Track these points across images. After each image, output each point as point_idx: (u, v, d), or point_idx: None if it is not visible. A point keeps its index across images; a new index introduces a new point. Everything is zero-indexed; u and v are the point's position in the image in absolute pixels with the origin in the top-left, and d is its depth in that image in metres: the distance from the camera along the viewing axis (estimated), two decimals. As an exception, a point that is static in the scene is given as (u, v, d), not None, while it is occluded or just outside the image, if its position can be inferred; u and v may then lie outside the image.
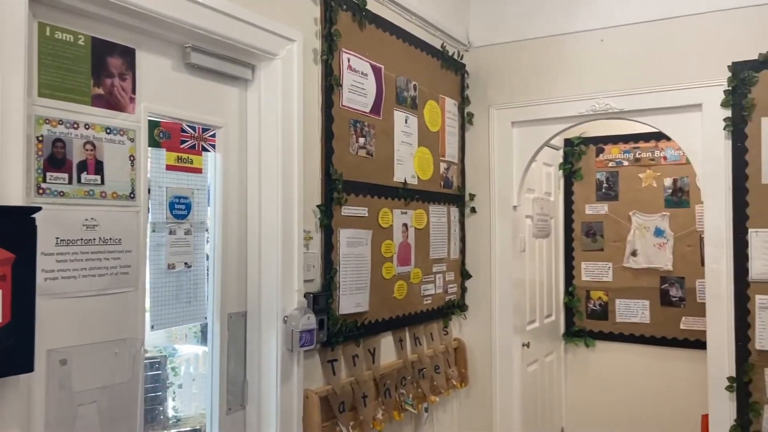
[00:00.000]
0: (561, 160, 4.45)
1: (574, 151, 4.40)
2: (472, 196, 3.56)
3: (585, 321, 4.37)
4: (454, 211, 3.46)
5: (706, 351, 2.98)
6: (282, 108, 2.31)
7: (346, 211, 2.61)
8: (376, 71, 2.80)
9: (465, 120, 3.57)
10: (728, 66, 2.89)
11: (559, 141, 4.38)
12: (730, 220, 2.89)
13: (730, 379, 2.87)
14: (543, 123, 3.41)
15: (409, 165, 3.06)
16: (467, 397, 3.52)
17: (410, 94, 3.07)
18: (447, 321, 3.37)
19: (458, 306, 3.46)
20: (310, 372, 2.42)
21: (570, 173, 4.42)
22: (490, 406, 3.47)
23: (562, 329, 4.43)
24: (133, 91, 1.90)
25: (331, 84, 2.53)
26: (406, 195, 3.01)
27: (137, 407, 1.89)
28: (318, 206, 2.47)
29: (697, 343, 3.91)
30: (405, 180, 3.01)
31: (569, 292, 4.40)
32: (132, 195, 1.88)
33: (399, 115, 2.98)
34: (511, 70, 3.47)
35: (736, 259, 2.87)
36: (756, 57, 2.83)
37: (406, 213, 3.02)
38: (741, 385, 2.84)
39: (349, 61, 2.62)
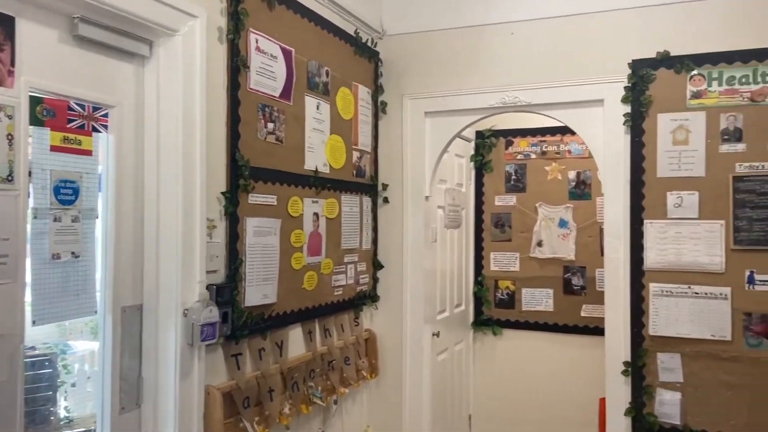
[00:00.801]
0: (472, 151, 4.51)
1: (484, 143, 4.47)
2: (384, 186, 3.53)
3: (493, 310, 4.47)
4: (367, 200, 3.42)
5: (604, 337, 3.10)
6: (183, 88, 2.18)
7: (254, 198, 2.51)
8: (287, 54, 2.70)
9: (378, 109, 3.53)
10: (628, 63, 3.01)
11: (470, 133, 4.44)
12: (627, 211, 3.01)
13: (625, 363, 3.00)
14: (455, 114, 3.42)
15: (320, 153, 2.98)
16: (377, 388, 3.50)
17: (322, 79, 2.99)
18: (358, 312, 3.33)
19: (370, 297, 3.44)
20: (212, 367, 2.31)
21: (481, 165, 4.49)
22: (400, 396, 3.47)
23: (471, 318, 4.51)
24: (12, 63, 1.72)
25: (237, 65, 2.41)
26: (317, 183, 2.93)
27: (16, 409, 1.73)
28: (223, 193, 2.36)
29: (596, 329, 4.07)
30: (316, 168, 2.94)
31: (478, 282, 4.49)
32: (10, 178, 1.70)
33: (310, 101, 2.89)
34: (424, 59, 3.46)
35: (632, 249, 2.99)
36: (654, 55, 2.96)
37: (317, 202, 2.95)
38: (635, 369, 2.98)
39: (257, 42, 2.51)
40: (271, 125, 2.60)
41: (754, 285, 2.79)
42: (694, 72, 2.89)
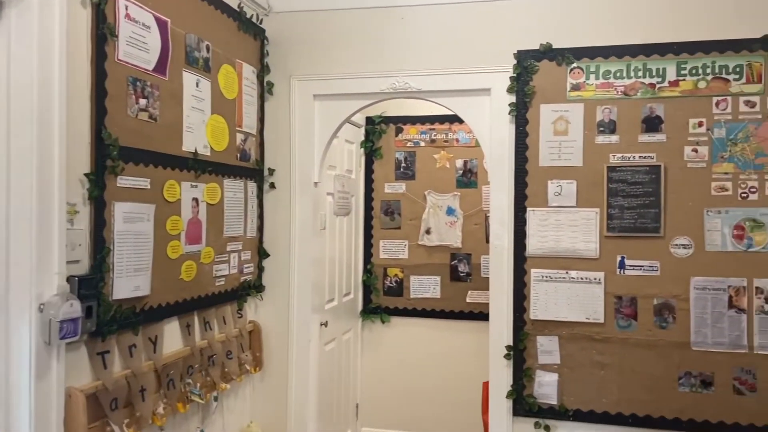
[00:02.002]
0: (363, 138, 4.45)
1: (375, 129, 4.44)
2: (271, 171, 3.39)
3: (382, 298, 4.46)
4: (252, 186, 3.27)
5: (488, 322, 3.17)
6: (38, 57, 1.93)
7: (123, 181, 2.29)
8: (162, 25, 2.49)
9: (265, 89, 3.38)
10: (514, 54, 3.06)
11: (360, 119, 4.38)
12: (512, 199, 3.08)
13: (507, 347, 3.08)
14: (345, 98, 3.34)
15: (200, 133, 2.80)
16: (262, 382, 3.37)
17: (202, 55, 2.79)
18: (242, 303, 3.18)
19: (254, 287, 3.29)
20: (74, 367, 2.09)
21: (371, 151, 4.45)
22: (285, 388, 3.36)
23: (360, 307, 4.47)
24: None
25: (103, 33, 2.18)
26: (196, 166, 2.75)
27: None
28: (86, 175, 2.13)
29: (480, 315, 4.18)
30: (196, 150, 2.75)
31: (368, 270, 4.46)
32: None
33: (189, 78, 2.70)
34: (313, 40, 3.34)
35: (516, 236, 3.07)
36: (537, 47, 3.03)
37: (196, 186, 2.76)
38: (517, 352, 3.06)
39: (127, 9, 2.28)
40: (143, 101, 2.39)
41: (625, 270, 2.95)
42: (574, 65, 2.99)
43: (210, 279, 2.89)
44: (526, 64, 3.04)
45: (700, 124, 2.86)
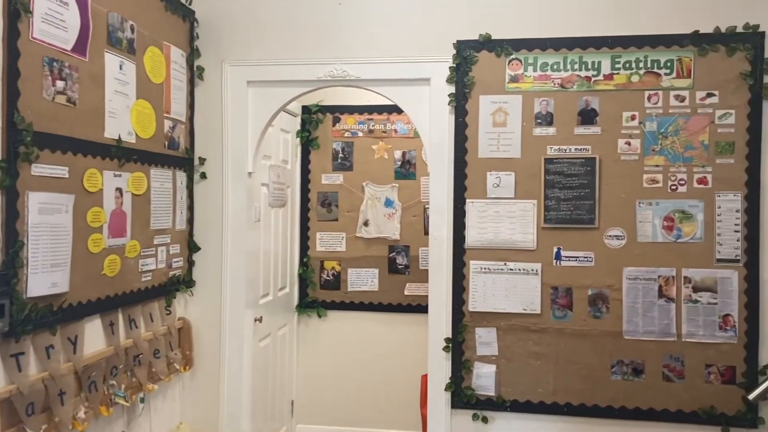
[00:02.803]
0: (299, 127, 4.34)
1: (311, 118, 4.33)
2: (202, 160, 3.24)
3: (318, 291, 4.37)
4: (181, 175, 3.11)
5: (427, 315, 3.14)
6: (-63, 29, 1.74)
7: (39, 170, 2.11)
8: (81, 1, 2.31)
9: (195, 74, 3.21)
10: (453, 44, 3.03)
11: (297, 107, 4.26)
12: (451, 191, 3.05)
13: (446, 340, 3.06)
14: (280, 85, 3.22)
15: (125, 119, 2.62)
16: (192, 381, 3.23)
17: (126, 35, 2.62)
18: (170, 299, 3.03)
19: (184, 282, 3.14)
20: (-18, 371, 1.91)
21: (307, 141, 4.35)
22: (217, 387, 3.23)
23: (296, 301, 4.37)
24: None
25: (16, 8, 2.00)
26: (120, 155, 2.58)
27: None
28: (-5, 162, 1.95)
29: (419, 307, 4.17)
30: (119, 137, 2.58)
31: (304, 263, 4.36)
32: None
33: (112, 59, 2.52)
34: (247, 23, 3.20)
35: (455, 227, 3.05)
36: (477, 37, 3.01)
37: (120, 176, 2.59)
38: (456, 345, 3.05)
39: (41, -17, 2.10)
40: (61, 83, 2.21)
41: (561, 261, 2.98)
42: (513, 56, 2.99)
43: (136, 274, 2.73)
44: (465, 54, 3.02)
45: (633, 118, 2.91)
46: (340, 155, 4.34)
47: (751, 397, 2.75)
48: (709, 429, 2.86)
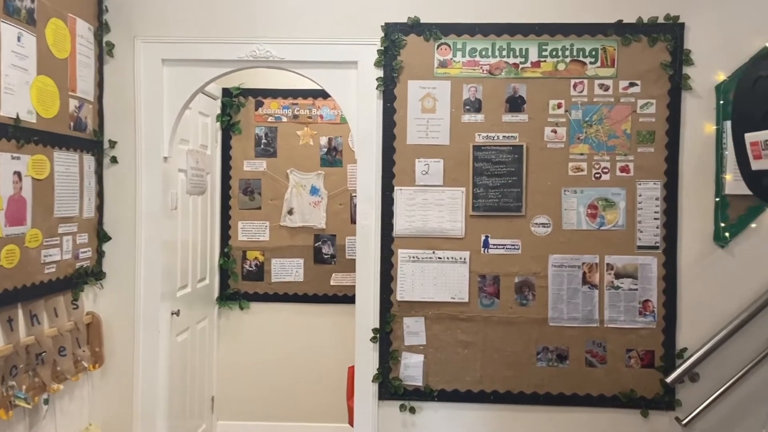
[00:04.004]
0: (219, 111, 4.14)
1: (232, 102, 4.13)
2: (112, 144, 3.01)
3: (240, 283, 4.20)
4: (89, 159, 2.88)
5: (354, 305, 3.06)
6: None
7: None
8: (-32, -39, 2.06)
9: (104, 50, 2.98)
10: (382, 26, 2.94)
11: (217, 90, 4.06)
12: (379, 178, 2.98)
13: (374, 330, 3.00)
14: (198, 64, 3.04)
15: (23, 96, 2.39)
16: (102, 379, 3.01)
17: (25, 4, 2.38)
18: (78, 292, 2.80)
19: (93, 274, 2.91)
20: None
21: (228, 126, 4.15)
22: (130, 385, 3.03)
23: (216, 293, 4.19)
24: None
25: None
26: (19, 135, 2.35)
27: None
28: None
29: (345, 298, 4.08)
30: (17, 115, 2.35)
31: (225, 253, 4.18)
32: None
33: (8, 30, 2.28)
34: (162, -3, 3.00)
35: (383, 215, 2.98)
36: (405, 20, 2.94)
37: (19, 158, 2.37)
38: (383, 335, 2.99)
39: None
40: (-57, 52, 1.96)
41: (488, 249, 2.97)
42: (441, 41, 2.94)
43: (38, 266, 2.50)
44: (393, 37, 2.94)
45: (559, 106, 2.93)
46: (263, 141, 4.18)
47: (669, 379, 2.85)
48: (629, 412, 2.93)
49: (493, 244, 2.96)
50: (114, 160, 3.02)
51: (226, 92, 4.13)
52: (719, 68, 2.87)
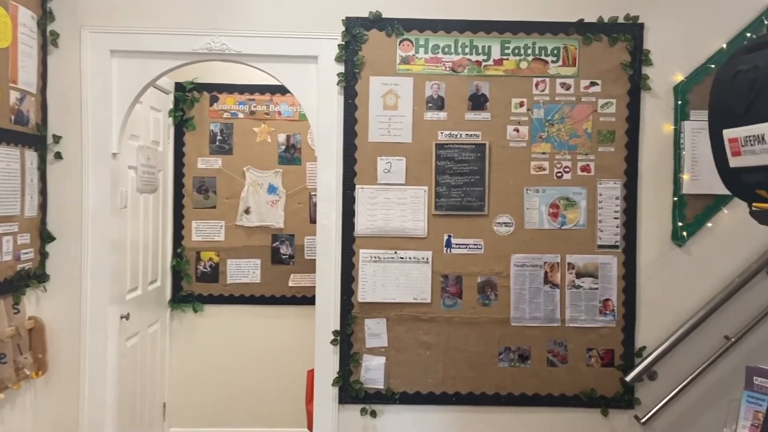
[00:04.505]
0: (171, 106, 3.98)
1: (186, 97, 3.98)
2: (56, 138, 2.85)
3: (194, 284, 4.06)
4: (31, 155, 2.71)
5: (313, 307, 2.98)
6: None
7: None
8: None
9: (48, 40, 2.81)
10: (342, 20, 2.87)
11: (169, 84, 3.91)
12: (340, 176, 2.91)
13: (335, 332, 2.92)
14: (150, 56, 2.90)
15: (-44, 86, 2.22)
16: (46, 387, 2.84)
17: (-42, -14, 2.21)
18: (19, 296, 2.64)
19: (35, 276, 2.75)
20: None
21: (181, 122, 4.00)
22: (76, 392, 2.87)
23: (168, 295, 4.03)
24: None
25: None
26: (-49, 127, 2.18)
27: None
28: None
29: (304, 299, 3.99)
30: (-50, 106, 2.18)
31: (178, 254, 4.03)
32: None
33: (-62, 13, 2.11)
34: (110, -15, 2.85)
35: (344, 214, 2.91)
36: (367, 15, 2.87)
37: (-48, 152, 2.19)
38: (344, 337, 2.92)
39: None
40: None
41: (451, 249, 2.93)
42: (404, 37, 2.89)
43: (-27, 268, 2.33)
44: (355, 32, 2.87)
45: (522, 104, 2.91)
46: (219, 138, 4.04)
47: (628, 378, 2.87)
48: (590, 411, 2.94)
49: (456, 244, 2.93)
50: (58, 155, 2.86)
51: (179, 86, 3.98)
52: (677, 69, 2.90)
